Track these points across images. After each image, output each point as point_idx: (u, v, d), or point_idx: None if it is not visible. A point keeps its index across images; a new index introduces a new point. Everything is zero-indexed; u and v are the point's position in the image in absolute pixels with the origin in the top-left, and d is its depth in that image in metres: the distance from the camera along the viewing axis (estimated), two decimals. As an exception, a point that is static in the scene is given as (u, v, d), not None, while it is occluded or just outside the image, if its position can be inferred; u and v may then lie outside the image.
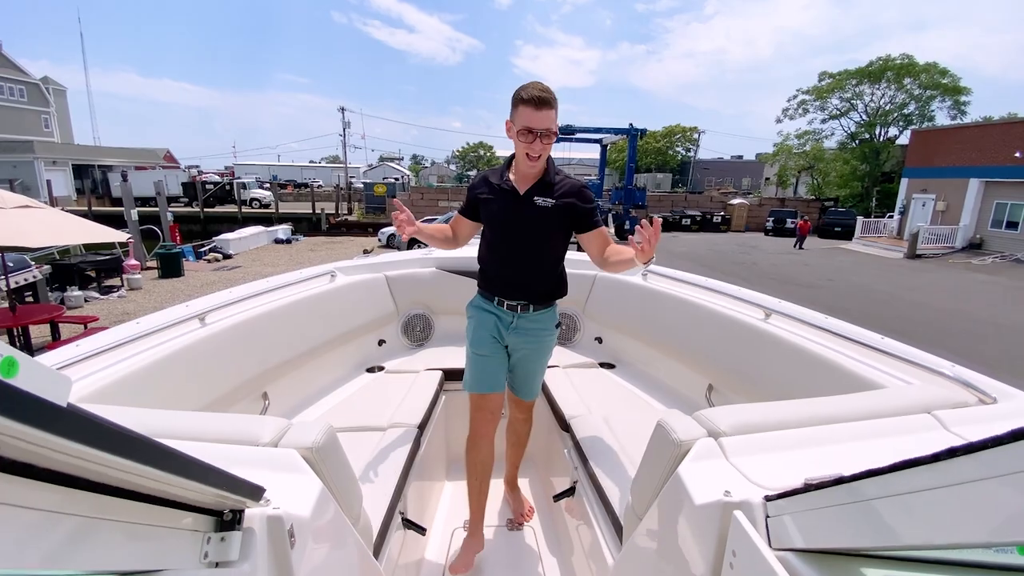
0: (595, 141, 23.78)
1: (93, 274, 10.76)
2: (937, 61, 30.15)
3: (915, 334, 8.65)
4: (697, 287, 2.71)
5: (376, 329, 3.10)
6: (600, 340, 3.25)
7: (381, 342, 3.14)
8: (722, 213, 29.49)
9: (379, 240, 20.16)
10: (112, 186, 30.77)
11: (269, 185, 33.72)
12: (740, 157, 58.73)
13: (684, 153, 53.21)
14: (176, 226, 17.12)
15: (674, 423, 1.16)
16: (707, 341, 2.41)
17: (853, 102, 33.06)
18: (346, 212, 29.71)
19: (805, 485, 0.81)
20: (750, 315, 2.26)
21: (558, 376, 2.65)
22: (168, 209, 17.44)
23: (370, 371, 2.93)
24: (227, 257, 15.94)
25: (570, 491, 2.02)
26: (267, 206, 29.29)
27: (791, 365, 1.93)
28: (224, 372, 2.00)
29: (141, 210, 14.66)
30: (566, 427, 2.19)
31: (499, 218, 1.88)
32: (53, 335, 6.50)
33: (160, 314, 2.00)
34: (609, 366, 3.01)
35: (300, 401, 2.50)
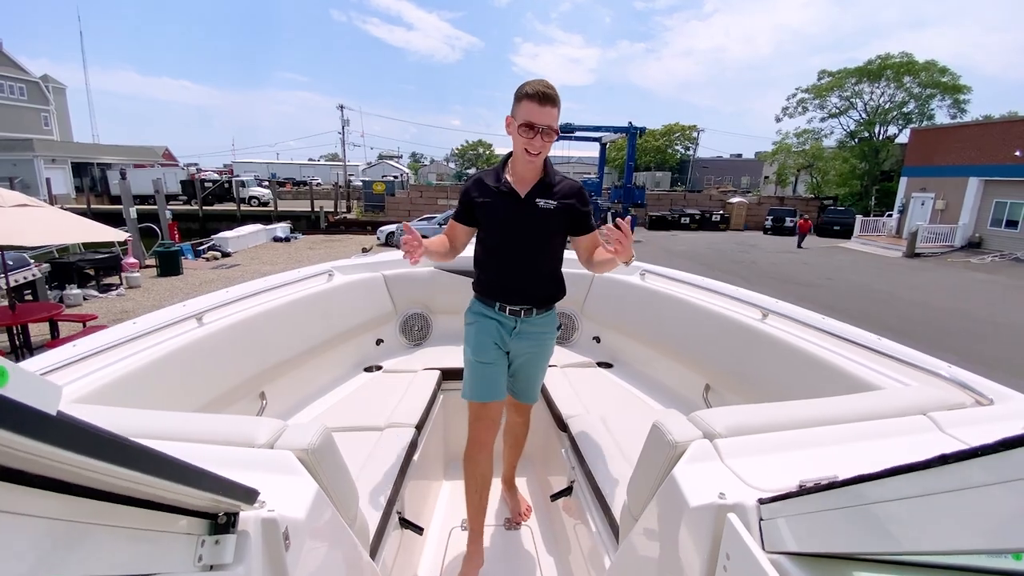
0: (594, 139, 23.71)
1: (92, 272, 10.77)
2: (936, 59, 30.19)
3: (914, 333, 8.67)
4: (695, 287, 2.72)
5: (374, 328, 3.10)
6: (598, 340, 3.25)
7: (379, 341, 3.14)
8: (721, 212, 29.45)
9: (378, 238, 20.14)
10: (111, 184, 30.68)
11: (268, 183, 33.70)
12: (739, 155, 58.76)
13: (683, 151, 53.18)
14: (175, 224, 17.07)
15: (670, 424, 1.16)
16: (704, 341, 2.42)
17: (852, 100, 33.10)
18: (345, 210, 29.62)
19: (799, 488, 0.81)
20: (747, 315, 2.26)
21: (556, 376, 2.65)
22: (167, 207, 17.41)
23: (368, 371, 2.93)
24: (226, 255, 15.90)
25: (567, 491, 2.02)
26: (266, 204, 29.21)
27: (788, 366, 1.93)
28: (221, 372, 2.00)
29: (140, 208, 14.57)
30: (563, 427, 2.19)
31: (500, 221, 1.80)
32: (52, 333, 6.50)
33: (157, 314, 2.00)
34: (607, 366, 3.01)
35: (298, 401, 2.50)
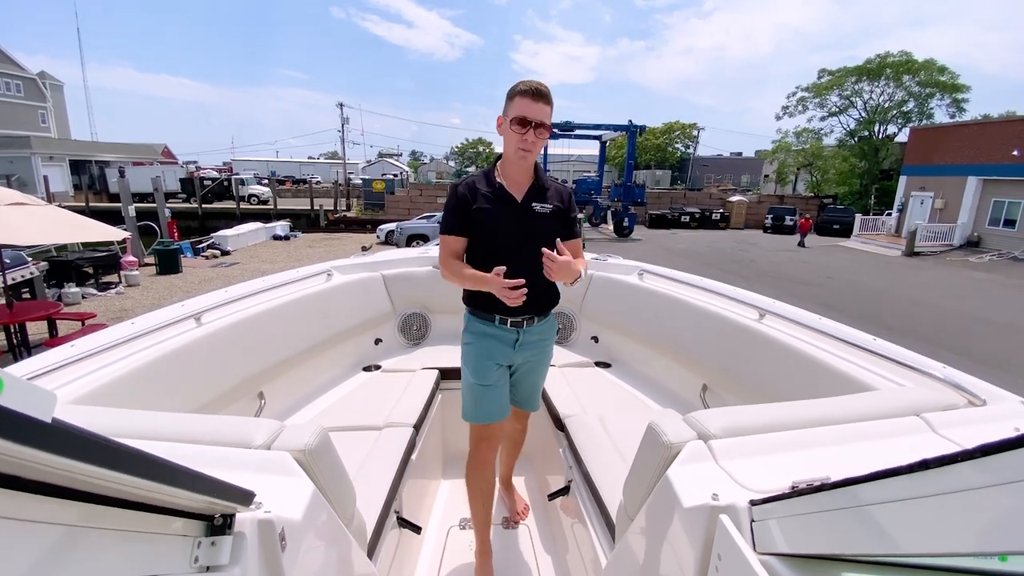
0: (594, 138, 23.77)
1: (91, 271, 10.76)
2: (935, 58, 30.18)
3: (913, 332, 8.70)
4: (693, 287, 2.72)
5: (373, 328, 3.10)
6: (596, 339, 3.26)
7: (378, 341, 3.15)
8: (721, 210, 29.42)
9: (377, 237, 20.13)
10: (109, 182, 30.50)
11: (267, 181, 33.53)
12: (739, 154, 58.77)
13: (683, 150, 53.17)
14: (174, 222, 17.02)
15: (665, 425, 1.17)
16: (702, 341, 2.42)
17: (852, 99, 33.09)
18: (345, 208, 29.55)
19: (790, 490, 0.81)
20: (744, 315, 2.27)
21: (554, 375, 2.65)
22: (166, 205, 17.35)
23: (367, 370, 2.94)
24: (225, 253, 15.89)
25: (565, 490, 2.03)
26: (265, 202, 29.12)
27: (784, 366, 1.94)
28: (220, 372, 2.00)
29: (139, 206, 14.53)
30: (561, 426, 2.20)
31: (499, 227, 1.72)
32: (50, 332, 6.49)
33: (155, 314, 2.00)
34: (605, 365, 3.02)
35: (296, 401, 2.50)
